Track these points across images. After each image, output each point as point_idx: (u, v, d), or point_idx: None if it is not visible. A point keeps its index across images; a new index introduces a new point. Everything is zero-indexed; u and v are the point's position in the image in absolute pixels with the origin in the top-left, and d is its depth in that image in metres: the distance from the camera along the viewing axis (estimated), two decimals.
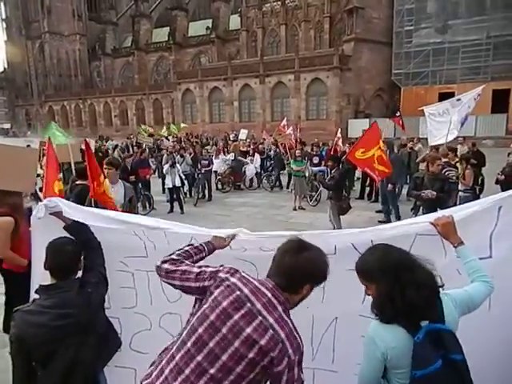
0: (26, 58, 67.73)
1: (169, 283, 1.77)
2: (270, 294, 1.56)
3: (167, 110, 49.60)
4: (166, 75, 57.20)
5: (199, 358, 1.50)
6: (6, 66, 71.84)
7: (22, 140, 34.14)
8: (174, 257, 1.81)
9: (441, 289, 1.71)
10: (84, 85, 63.88)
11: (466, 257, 1.94)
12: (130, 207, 4.66)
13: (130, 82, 60.02)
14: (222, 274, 1.64)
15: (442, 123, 7.96)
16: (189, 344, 1.55)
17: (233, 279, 1.61)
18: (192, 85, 42.63)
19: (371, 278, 1.70)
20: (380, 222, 9.10)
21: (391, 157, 8.27)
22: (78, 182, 5.08)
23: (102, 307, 2.16)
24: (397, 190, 9.25)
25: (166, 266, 1.76)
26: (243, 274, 1.66)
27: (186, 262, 1.80)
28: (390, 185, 8.30)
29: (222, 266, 1.72)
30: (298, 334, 1.56)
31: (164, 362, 1.60)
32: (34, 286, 2.06)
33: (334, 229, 7.64)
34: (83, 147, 9.51)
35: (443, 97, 21.25)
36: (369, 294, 1.75)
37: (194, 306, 1.69)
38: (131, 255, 2.35)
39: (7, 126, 74.36)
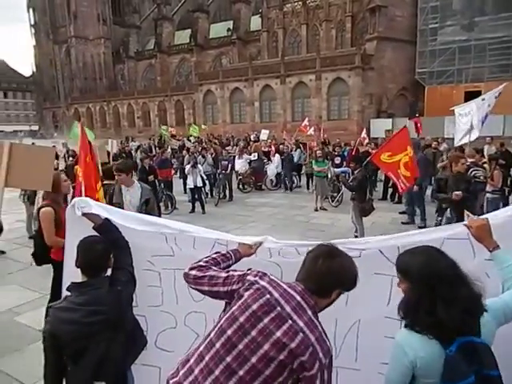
0: (53, 61, 69.90)
1: (197, 289, 1.80)
2: (299, 298, 1.57)
3: (189, 111, 50.16)
4: (187, 77, 57.87)
5: (228, 359, 1.51)
6: (34, 70, 74.34)
7: (49, 141, 35.31)
8: (201, 263, 1.84)
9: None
10: (108, 87, 65.34)
11: (503, 261, 1.82)
12: (146, 209, 4.47)
13: (153, 83, 61.03)
14: (250, 277, 1.64)
15: (466, 123, 7.79)
16: (218, 345, 1.56)
17: (262, 282, 1.61)
18: (213, 86, 42.96)
19: (406, 276, 1.64)
20: (403, 223, 8.95)
21: (417, 157, 8.09)
22: (104, 182, 5.21)
23: (131, 305, 2.20)
24: (426, 191, 9.09)
25: (193, 272, 1.80)
26: (272, 277, 1.66)
27: (214, 268, 1.82)
28: (415, 186, 8.14)
29: (249, 269, 1.73)
30: (327, 337, 1.56)
31: (192, 361, 1.61)
32: (66, 282, 2.12)
33: (356, 230, 7.57)
34: (109, 149, 9.77)
35: (470, 96, 20.65)
36: (399, 287, 1.70)
37: (224, 311, 1.70)
38: (158, 254, 2.39)
39: (35, 127, 77.01)
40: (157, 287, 2.46)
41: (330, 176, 11.02)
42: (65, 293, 2.05)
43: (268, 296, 1.55)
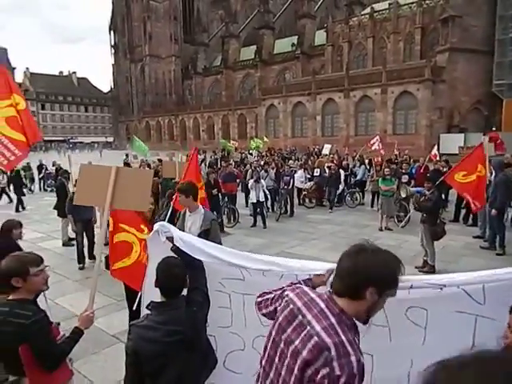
0: (129, 78, 75.69)
1: (262, 315, 1.85)
2: (323, 305, 1.48)
3: (251, 125, 51.28)
4: (251, 91, 59.38)
5: (271, 374, 1.54)
6: (112, 86, 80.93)
7: (122, 152, 38.03)
8: (265, 290, 1.89)
9: None
10: (176, 102, 69.13)
11: None
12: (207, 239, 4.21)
13: (218, 98, 63.47)
14: (286, 292, 1.65)
15: None
16: (263, 362, 1.60)
17: (291, 294, 1.60)
18: (276, 100, 43.56)
19: None
20: (482, 247, 8.27)
21: (496, 179, 7.48)
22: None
23: (205, 325, 2.27)
24: (505, 215, 8.28)
25: (258, 299, 1.87)
26: (305, 288, 1.63)
27: (274, 292, 1.83)
28: (493, 210, 7.50)
29: (290, 284, 1.74)
30: (354, 351, 1.34)
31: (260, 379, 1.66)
32: (147, 300, 2.25)
33: (426, 254, 7.14)
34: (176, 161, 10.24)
35: None
36: (507, 337, 1.54)
37: None
38: (228, 277, 2.45)
39: (110, 139, 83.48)
40: (227, 309, 2.51)
41: (403, 195, 10.50)
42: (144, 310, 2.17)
43: (291, 306, 1.53)
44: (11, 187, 15.41)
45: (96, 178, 2.89)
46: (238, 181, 12.41)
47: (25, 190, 15.73)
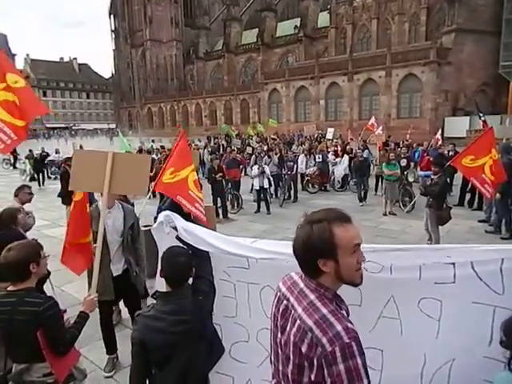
0: (130, 64, 74.92)
1: None
2: (302, 284, 1.46)
3: (254, 110, 50.88)
4: (253, 76, 58.73)
5: (280, 367, 1.50)
6: (113, 72, 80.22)
7: (130, 138, 37.86)
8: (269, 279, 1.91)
9: None
10: (178, 87, 68.51)
11: None
12: (132, 236, 3.82)
13: (220, 83, 62.86)
14: (279, 285, 1.60)
15: None
16: (272, 358, 1.58)
17: (283, 288, 1.56)
18: (279, 84, 43.08)
19: None
20: (487, 232, 8.23)
21: (503, 161, 7.36)
22: None
23: (211, 314, 2.27)
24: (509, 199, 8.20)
25: None
26: (292, 275, 1.57)
27: None
28: (497, 194, 7.42)
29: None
30: (338, 320, 1.29)
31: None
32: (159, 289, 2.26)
33: (430, 238, 7.12)
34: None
35: None
36: None
37: None
38: (233, 265, 2.41)
39: (113, 125, 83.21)
40: (232, 298, 2.48)
41: (411, 179, 10.42)
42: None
43: (278, 293, 1.54)
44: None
45: (91, 164, 2.87)
46: (240, 167, 12.36)
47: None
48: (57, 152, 19.42)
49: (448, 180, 11.07)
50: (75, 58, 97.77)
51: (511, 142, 11.80)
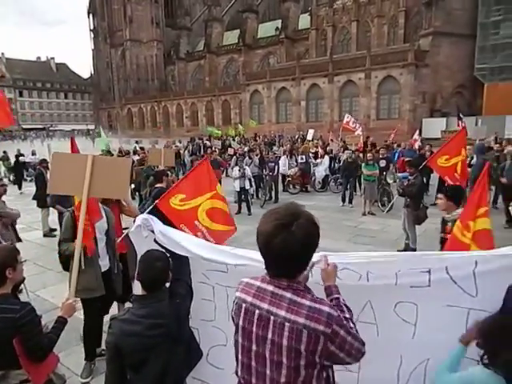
0: (110, 64, 73.75)
1: None
2: (271, 287, 1.46)
3: (235, 111, 50.82)
4: (235, 77, 58.67)
5: (253, 381, 1.50)
6: (92, 72, 78.84)
7: (113, 140, 37.04)
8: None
9: None
10: (159, 88, 67.84)
11: None
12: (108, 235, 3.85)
13: (201, 84, 62.52)
14: (237, 294, 1.58)
15: None
16: (240, 373, 1.58)
17: (238, 293, 1.56)
18: (260, 86, 43.19)
19: None
20: None
21: (477, 162, 7.57)
22: (156, 186, 5.39)
23: (188, 318, 2.24)
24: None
25: None
26: (248, 280, 1.57)
27: None
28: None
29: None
30: (322, 303, 1.42)
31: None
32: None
33: (408, 237, 7.26)
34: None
35: None
36: None
37: None
38: (212, 269, 2.39)
39: (92, 126, 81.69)
40: (210, 301, 2.46)
41: (390, 181, 10.54)
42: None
43: (244, 304, 1.50)
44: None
45: (70, 167, 2.84)
46: (221, 168, 12.32)
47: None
48: (33, 154, 18.95)
49: (425, 180, 11.35)
50: (53, 58, 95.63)
51: (485, 143, 12.15)
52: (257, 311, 1.45)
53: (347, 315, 1.50)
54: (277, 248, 1.36)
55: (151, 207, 4.75)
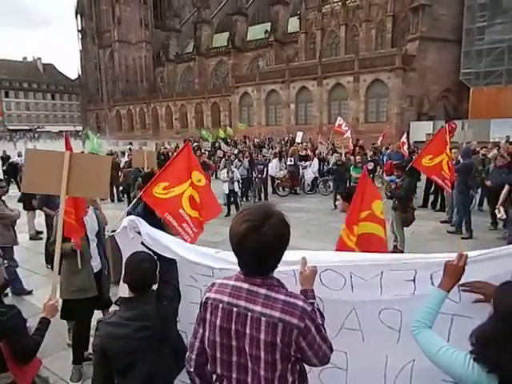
0: (98, 65, 73.00)
1: None
2: (246, 285, 1.50)
3: (225, 113, 50.75)
4: (224, 79, 58.64)
5: (234, 375, 1.53)
6: (80, 73, 77.94)
7: (103, 142, 36.54)
8: None
9: None
10: (148, 90, 67.37)
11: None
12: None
13: (191, 86, 62.33)
14: (206, 296, 1.61)
15: None
16: (219, 370, 1.58)
17: (210, 294, 1.58)
18: (250, 88, 43.23)
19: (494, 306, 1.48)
20: (449, 232, 8.55)
21: (460, 165, 7.70)
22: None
23: (175, 320, 2.23)
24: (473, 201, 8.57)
25: None
26: (220, 281, 1.61)
27: None
28: (458, 193, 7.76)
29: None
30: (296, 298, 1.48)
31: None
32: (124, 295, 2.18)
33: (396, 239, 7.33)
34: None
35: None
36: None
37: None
38: (199, 273, 2.37)
39: (79, 128, 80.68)
40: (198, 305, 2.43)
41: (378, 185, 10.64)
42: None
43: (220, 305, 1.52)
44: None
45: (46, 165, 2.70)
46: (210, 172, 12.30)
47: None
48: (19, 155, 18.61)
49: (415, 182, 11.47)
50: (39, 58, 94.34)
51: (471, 146, 12.34)
52: (234, 309, 1.48)
53: (319, 321, 1.53)
54: (250, 248, 1.41)
55: (139, 205, 4.67)
